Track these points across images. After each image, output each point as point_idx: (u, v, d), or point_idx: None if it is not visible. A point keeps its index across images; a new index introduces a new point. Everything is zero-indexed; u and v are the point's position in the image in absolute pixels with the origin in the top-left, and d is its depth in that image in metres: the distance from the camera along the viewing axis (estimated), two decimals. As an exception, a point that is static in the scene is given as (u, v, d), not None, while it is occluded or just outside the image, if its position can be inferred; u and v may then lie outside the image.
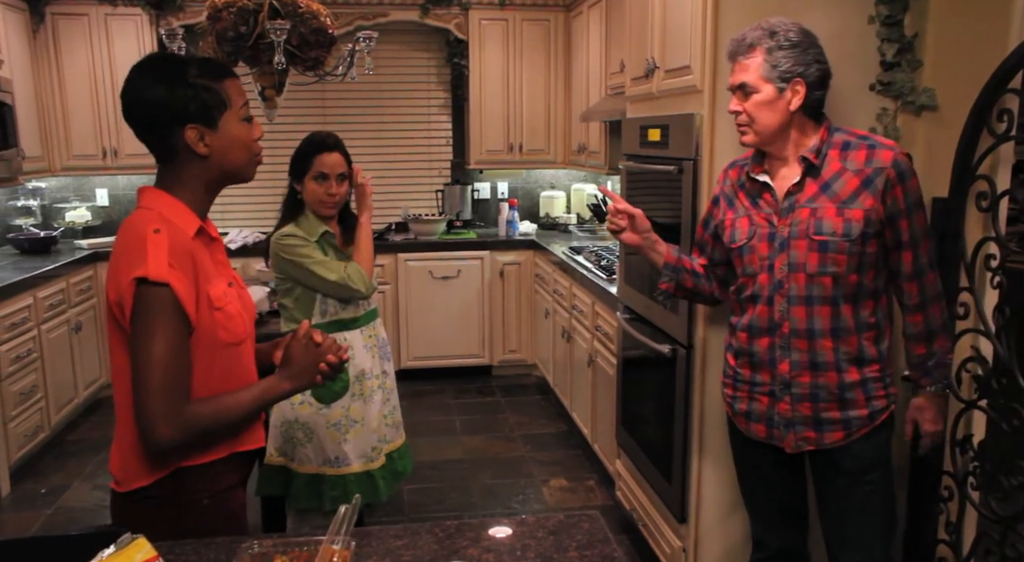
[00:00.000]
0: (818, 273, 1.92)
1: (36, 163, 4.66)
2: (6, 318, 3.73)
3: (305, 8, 3.02)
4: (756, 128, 1.94)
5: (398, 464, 2.77)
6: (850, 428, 1.98)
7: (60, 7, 4.82)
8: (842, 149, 1.93)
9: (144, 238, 1.39)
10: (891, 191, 1.88)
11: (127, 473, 1.49)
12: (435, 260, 5.21)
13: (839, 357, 1.95)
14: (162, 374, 1.36)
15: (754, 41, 1.91)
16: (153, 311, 1.37)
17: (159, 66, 1.48)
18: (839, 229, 1.89)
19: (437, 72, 5.67)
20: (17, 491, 3.74)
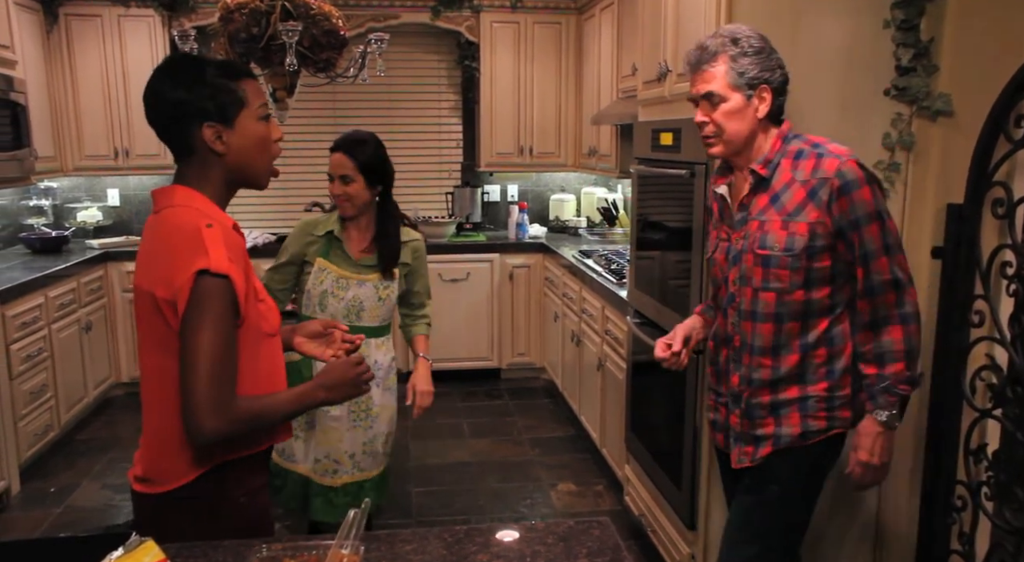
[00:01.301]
0: (762, 288, 1.86)
1: (48, 163, 4.68)
2: (17, 317, 3.74)
3: (317, 10, 3.02)
4: (725, 138, 1.87)
5: (366, 493, 2.59)
6: (779, 444, 1.92)
7: (74, 8, 4.84)
8: (794, 159, 1.85)
9: (198, 232, 1.41)
10: (836, 202, 1.78)
11: (162, 473, 1.49)
12: (444, 262, 5.21)
13: (777, 375, 1.89)
14: (214, 365, 1.38)
15: (717, 49, 1.85)
16: (211, 303, 1.39)
17: (178, 66, 1.51)
18: (782, 243, 1.82)
19: (448, 74, 5.67)
20: (27, 490, 3.75)
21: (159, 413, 1.49)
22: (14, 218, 4.97)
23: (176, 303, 1.40)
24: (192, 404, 1.37)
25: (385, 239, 2.59)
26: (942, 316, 2.27)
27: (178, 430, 1.44)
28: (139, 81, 1.50)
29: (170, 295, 1.40)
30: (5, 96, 3.96)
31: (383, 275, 2.57)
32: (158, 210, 1.51)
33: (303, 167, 5.54)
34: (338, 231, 2.57)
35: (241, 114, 1.50)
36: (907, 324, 1.81)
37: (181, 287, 1.38)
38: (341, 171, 2.55)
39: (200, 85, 1.46)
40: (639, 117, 3.30)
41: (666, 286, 2.88)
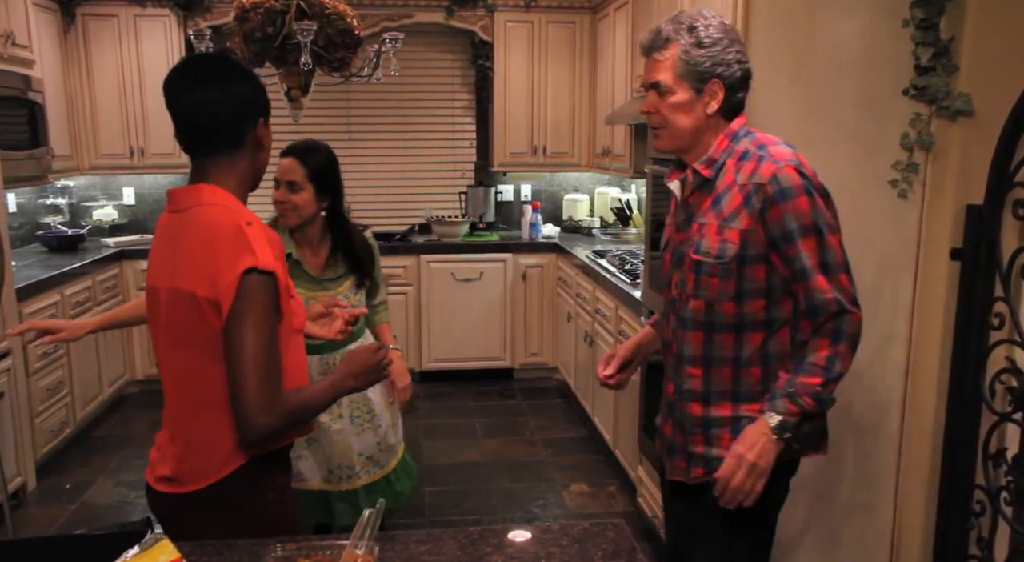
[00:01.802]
0: (693, 295, 1.73)
1: (65, 162, 4.71)
2: (34, 315, 3.76)
3: (332, 9, 3.02)
4: (670, 131, 1.73)
5: (396, 485, 2.64)
6: (710, 467, 1.75)
7: (91, 8, 4.86)
8: (739, 159, 1.70)
9: (240, 230, 1.42)
10: (769, 211, 1.63)
11: (193, 472, 1.50)
12: (457, 262, 5.21)
13: (708, 388, 1.75)
14: (264, 362, 1.40)
15: (670, 36, 1.68)
16: (258, 300, 1.40)
17: (235, 64, 1.55)
18: (714, 249, 1.68)
19: (461, 74, 5.67)
20: (43, 486, 3.78)
21: (193, 413, 1.50)
22: (31, 216, 5.00)
23: (220, 302, 1.40)
24: (244, 401, 1.39)
25: (351, 250, 2.52)
26: (960, 319, 2.25)
27: (214, 429, 1.46)
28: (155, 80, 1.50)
29: (214, 294, 1.40)
30: (23, 95, 3.99)
31: (354, 284, 2.52)
32: (182, 208, 1.50)
33: (317, 166, 5.55)
34: (296, 253, 2.45)
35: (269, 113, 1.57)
36: (837, 343, 1.65)
37: (227, 286, 1.39)
38: (289, 176, 2.39)
39: (256, 82, 1.53)
40: (654, 117, 3.29)
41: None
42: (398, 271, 5.12)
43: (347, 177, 6.13)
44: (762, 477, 1.65)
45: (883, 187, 2.49)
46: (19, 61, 4.02)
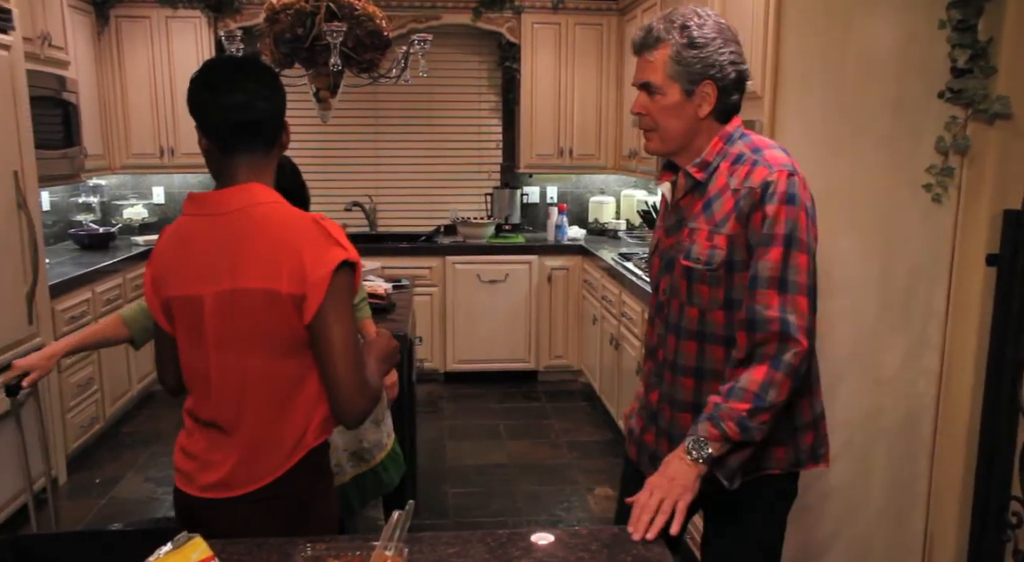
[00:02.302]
0: (687, 303, 1.66)
1: (97, 161, 4.78)
2: (66, 311, 3.82)
3: (361, 11, 3.04)
4: (661, 134, 1.66)
5: (383, 476, 2.59)
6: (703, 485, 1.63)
7: (124, 10, 4.93)
8: (732, 163, 1.63)
9: (319, 225, 1.45)
10: (752, 215, 1.56)
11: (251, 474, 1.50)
12: (483, 263, 5.21)
13: (700, 400, 1.65)
14: (354, 350, 1.46)
15: (661, 35, 1.61)
16: (346, 292, 1.45)
17: (263, 66, 1.56)
18: (704, 256, 1.61)
19: (488, 75, 5.68)
20: (73, 480, 3.83)
21: (256, 415, 1.49)
22: (64, 214, 5.07)
23: (306, 296, 1.40)
24: (345, 390, 1.44)
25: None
26: (997, 326, 2.21)
27: (276, 427, 1.48)
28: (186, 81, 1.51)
29: (300, 289, 1.40)
30: (58, 96, 4.05)
31: None
32: (230, 210, 1.46)
33: (344, 167, 5.59)
34: None
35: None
36: (775, 370, 1.51)
37: (320, 280, 1.40)
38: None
39: (281, 83, 1.55)
40: (683, 119, 3.27)
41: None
42: (423, 272, 5.13)
43: (374, 178, 6.16)
44: (670, 498, 1.48)
45: (916, 192, 2.45)
46: (55, 62, 4.08)
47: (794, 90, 2.42)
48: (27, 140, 3.39)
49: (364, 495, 2.54)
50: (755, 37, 2.48)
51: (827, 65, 2.40)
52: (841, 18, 2.37)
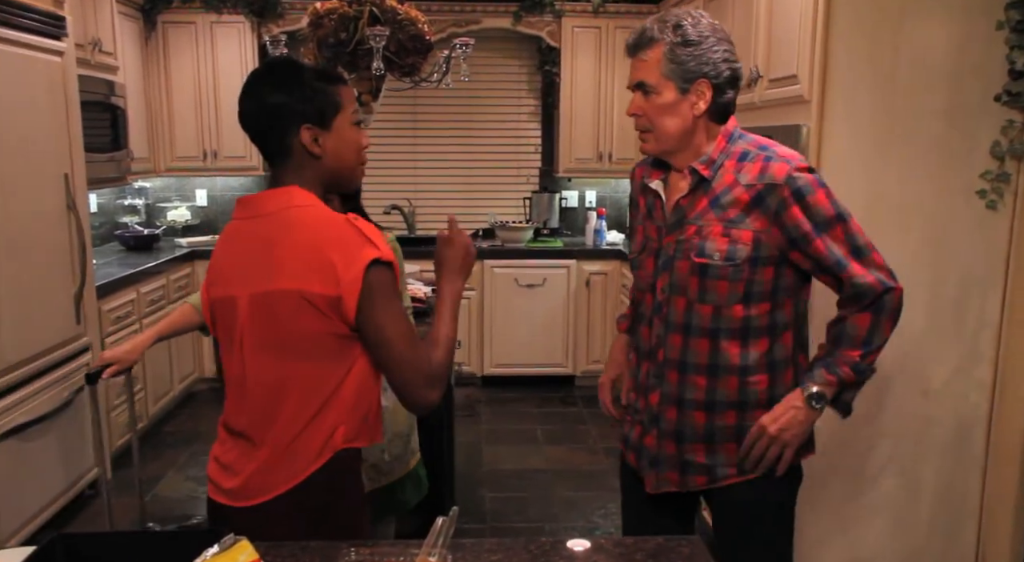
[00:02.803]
0: (698, 300, 1.67)
1: (143, 164, 4.86)
2: (112, 311, 3.89)
3: (404, 15, 3.05)
4: (657, 134, 1.68)
5: (399, 495, 2.53)
6: (715, 475, 1.73)
7: (171, 16, 5.02)
8: (739, 160, 1.66)
9: (351, 225, 1.44)
10: (787, 212, 1.60)
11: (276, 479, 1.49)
12: (521, 268, 5.20)
13: (714, 397, 1.70)
14: (411, 343, 1.45)
15: (655, 35, 1.64)
16: (389, 289, 1.44)
17: (278, 70, 1.53)
18: (723, 252, 1.63)
19: (528, 79, 5.67)
20: (116, 478, 3.89)
21: (287, 420, 1.48)
22: (111, 216, 5.17)
23: (342, 297, 1.40)
24: (412, 386, 1.45)
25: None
26: (1054, 336, 2.14)
27: (307, 431, 1.47)
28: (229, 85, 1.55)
29: (334, 290, 1.40)
30: (106, 100, 4.13)
31: None
32: (268, 212, 1.48)
33: (384, 170, 5.62)
34: None
35: (337, 118, 1.51)
36: (879, 315, 1.64)
37: (353, 280, 1.40)
38: None
39: (299, 88, 1.48)
40: (726, 123, 3.23)
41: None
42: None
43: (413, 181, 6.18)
44: (789, 447, 1.67)
45: (970, 198, 2.39)
46: (104, 67, 4.17)
47: (842, 94, 2.38)
48: (77, 144, 3.46)
49: (379, 514, 2.45)
50: (803, 39, 2.44)
51: (877, 68, 2.35)
52: (892, 20, 2.32)
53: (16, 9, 3.02)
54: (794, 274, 1.68)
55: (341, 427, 1.49)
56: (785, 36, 2.59)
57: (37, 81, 3.16)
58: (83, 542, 1.22)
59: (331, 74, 1.56)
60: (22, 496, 3.04)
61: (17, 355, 3.00)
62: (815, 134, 2.38)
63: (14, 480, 2.97)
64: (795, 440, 1.67)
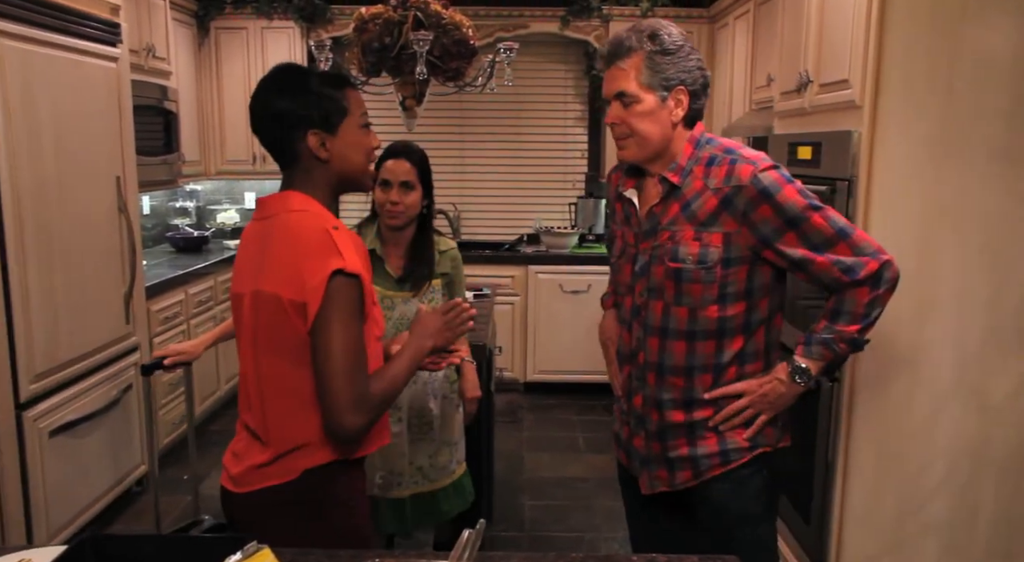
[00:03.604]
0: (674, 303, 1.72)
1: (194, 167, 4.96)
2: (160, 312, 3.96)
3: (448, 19, 3.04)
4: (637, 141, 1.72)
5: (443, 504, 2.52)
6: (698, 467, 1.78)
7: (223, 22, 5.11)
8: (707, 165, 1.71)
9: (328, 234, 1.45)
10: (755, 212, 1.64)
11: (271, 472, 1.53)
12: (565, 273, 5.16)
13: (691, 396, 1.75)
14: (351, 363, 1.43)
15: (632, 44, 1.69)
16: (345, 302, 1.43)
17: (284, 76, 1.56)
18: (695, 255, 1.68)
19: (575, 84, 5.64)
20: (163, 475, 3.95)
21: (276, 414, 1.53)
22: (162, 218, 5.28)
23: (307, 304, 1.42)
24: (334, 403, 1.42)
25: (420, 252, 2.43)
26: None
27: (298, 431, 1.49)
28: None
29: (300, 297, 1.43)
30: (159, 104, 4.22)
31: (414, 286, 2.41)
32: (270, 215, 1.54)
33: (429, 175, 5.63)
34: (379, 249, 2.40)
35: (344, 122, 1.54)
36: (876, 288, 1.67)
37: (315, 288, 1.41)
38: (405, 177, 2.34)
39: (305, 94, 1.51)
40: (774, 130, 3.15)
41: (795, 306, 2.72)
42: (506, 281, 5.12)
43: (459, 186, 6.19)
44: (763, 414, 1.74)
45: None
46: (158, 72, 4.26)
47: (898, 98, 2.30)
48: (129, 147, 3.54)
49: (418, 518, 2.46)
50: (855, 42, 2.36)
51: (935, 70, 2.26)
52: (952, 19, 2.23)
53: (74, 17, 3.10)
54: (770, 273, 1.72)
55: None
56: (837, 40, 2.51)
57: (93, 86, 3.24)
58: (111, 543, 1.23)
59: (339, 78, 1.58)
60: (72, 491, 3.10)
61: (68, 353, 3.07)
62: (867, 140, 2.31)
63: (64, 475, 3.04)
64: (770, 409, 1.74)
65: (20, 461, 2.81)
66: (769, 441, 1.79)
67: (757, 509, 1.80)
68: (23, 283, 2.77)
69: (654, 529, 2.00)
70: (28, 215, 2.79)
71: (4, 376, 2.73)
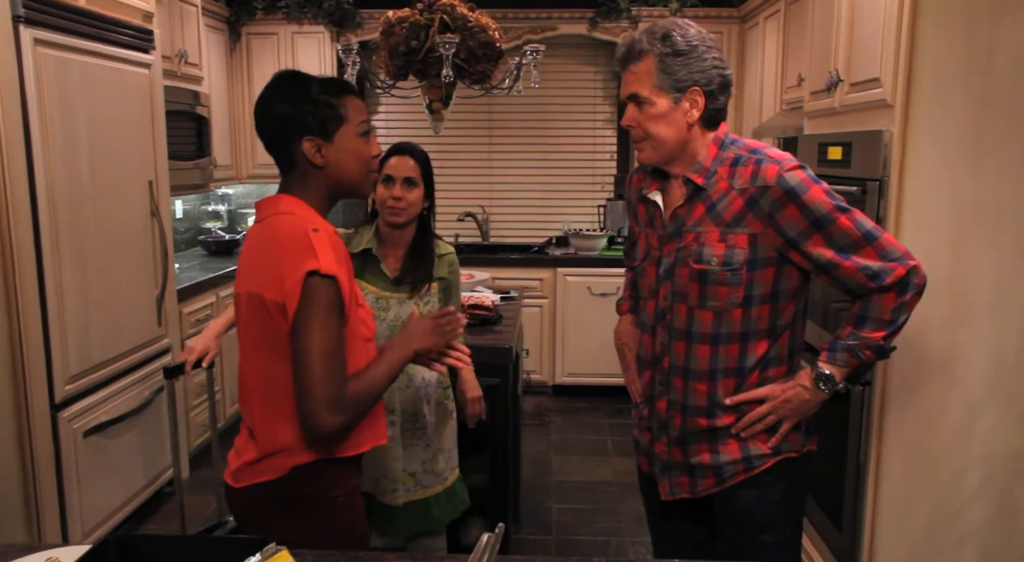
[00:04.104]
0: (699, 306, 1.70)
1: (226, 171, 5.02)
2: (192, 314, 4.01)
3: (475, 22, 3.05)
4: (653, 143, 1.72)
5: (434, 511, 2.48)
6: (721, 475, 1.76)
7: (255, 27, 5.17)
8: (731, 165, 1.69)
9: (306, 236, 1.48)
10: (781, 212, 1.62)
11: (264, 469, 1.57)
12: (594, 276, 5.14)
13: (713, 401, 1.73)
14: (329, 362, 1.45)
15: (644, 47, 1.68)
16: (321, 303, 1.45)
17: (286, 83, 1.59)
18: (720, 257, 1.66)
19: (603, 86, 5.62)
20: (194, 476, 4.01)
21: (266, 411, 1.56)
22: (195, 222, 5.36)
23: (286, 305, 1.46)
24: (310, 401, 1.44)
25: (420, 253, 2.42)
26: None
27: (287, 428, 1.52)
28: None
29: (280, 297, 1.47)
30: (192, 110, 4.28)
31: (413, 290, 2.39)
32: (263, 218, 1.59)
33: (457, 177, 5.65)
34: (376, 249, 2.39)
35: (340, 130, 1.57)
36: (903, 294, 1.64)
37: (292, 288, 1.45)
38: (408, 173, 2.34)
39: (304, 101, 1.55)
40: (804, 130, 3.11)
41: (827, 308, 2.68)
42: (534, 284, 5.11)
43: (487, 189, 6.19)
44: (786, 421, 1.72)
45: (1072, 206, 2.23)
46: (190, 78, 4.32)
47: (931, 97, 2.25)
48: (162, 152, 3.59)
49: (409, 525, 2.43)
50: (886, 40, 2.32)
51: (969, 67, 2.22)
52: (987, 16, 2.18)
53: (109, 25, 3.16)
54: (796, 276, 1.70)
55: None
56: (868, 37, 2.47)
57: (126, 92, 3.29)
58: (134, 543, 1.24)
59: (338, 85, 1.60)
60: (105, 491, 3.16)
61: (102, 355, 3.12)
62: (898, 139, 2.26)
63: (98, 476, 3.09)
64: (793, 416, 1.72)
65: (56, 461, 2.86)
66: (793, 447, 1.77)
67: (781, 515, 1.78)
68: (58, 286, 2.82)
69: (676, 534, 1.98)
70: (63, 219, 2.85)
71: (40, 377, 2.78)
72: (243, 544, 1.18)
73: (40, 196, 2.73)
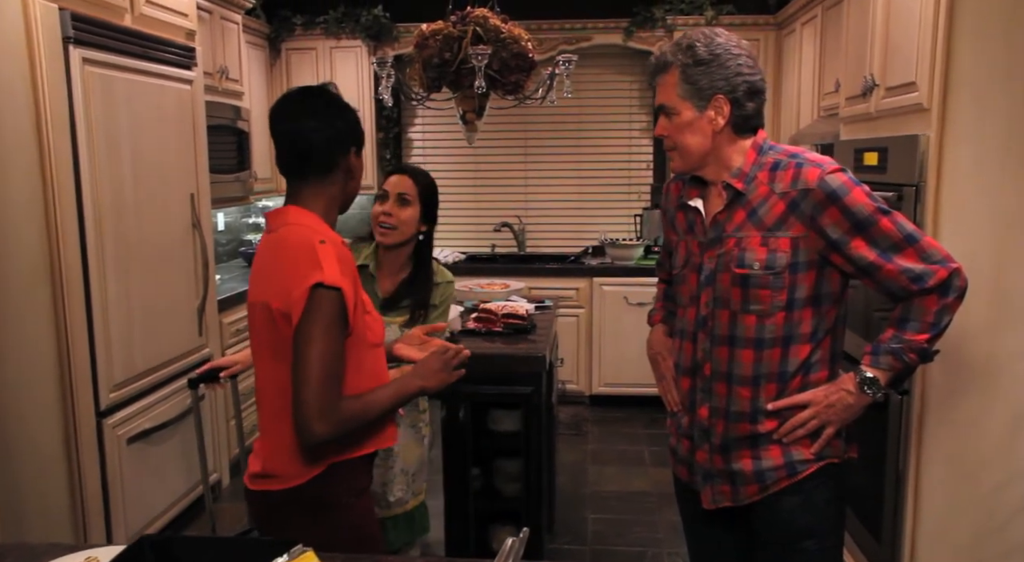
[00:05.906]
0: (741, 311, 1.70)
1: (265, 184, 5.11)
2: (232, 324, 4.09)
3: (507, 33, 3.08)
4: (681, 152, 1.74)
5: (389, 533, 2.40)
6: (764, 481, 1.74)
7: (294, 43, 5.28)
8: (771, 170, 1.69)
9: (313, 248, 1.51)
10: (824, 214, 1.62)
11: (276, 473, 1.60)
12: (630, 285, 5.12)
13: (756, 406, 1.72)
14: (324, 373, 1.48)
15: (668, 58, 1.71)
16: (324, 314, 1.48)
17: (328, 97, 1.65)
18: (762, 261, 1.66)
19: (639, 95, 5.61)
20: (234, 483, 4.07)
21: (273, 417, 1.60)
22: (236, 234, 5.46)
23: (290, 314, 1.50)
24: (303, 409, 1.47)
25: (418, 281, 2.41)
26: None
27: (291, 433, 1.54)
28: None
29: (285, 307, 1.51)
30: (233, 124, 4.37)
31: (410, 317, 2.37)
32: (273, 229, 1.62)
33: (493, 187, 5.69)
34: (373, 267, 2.40)
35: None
36: (945, 296, 1.63)
37: (297, 299, 1.48)
38: (401, 189, 2.36)
39: (351, 116, 1.63)
40: (841, 136, 3.08)
41: (870, 317, 2.64)
42: (570, 293, 5.11)
43: (523, 199, 6.20)
44: (829, 425, 1.70)
45: (1118, 211, 2.17)
46: (231, 93, 4.42)
47: (968, 101, 2.22)
48: (203, 166, 3.68)
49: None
50: (922, 42, 2.29)
51: (1008, 70, 2.18)
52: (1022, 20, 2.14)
53: (154, 43, 3.26)
54: (838, 280, 1.70)
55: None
56: (903, 41, 2.44)
57: (169, 108, 3.38)
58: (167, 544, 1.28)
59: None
60: (149, 496, 3.23)
61: (145, 364, 3.20)
62: (935, 144, 2.23)
63: (141, 481, 3.17)
64: (837, 420, 1.70)
65: (100, 467, 2.94)
66: (836, 452, 1.75)
67: (824, 522, 1.75)
68: (103, 297, 2.91)
69: (715, 544, 1.97)
70: (108, 231, 2.93)
71: (86, 385, 2.86)
72: (271, 545, 1.20)
73: (87, 210, 2.81)
